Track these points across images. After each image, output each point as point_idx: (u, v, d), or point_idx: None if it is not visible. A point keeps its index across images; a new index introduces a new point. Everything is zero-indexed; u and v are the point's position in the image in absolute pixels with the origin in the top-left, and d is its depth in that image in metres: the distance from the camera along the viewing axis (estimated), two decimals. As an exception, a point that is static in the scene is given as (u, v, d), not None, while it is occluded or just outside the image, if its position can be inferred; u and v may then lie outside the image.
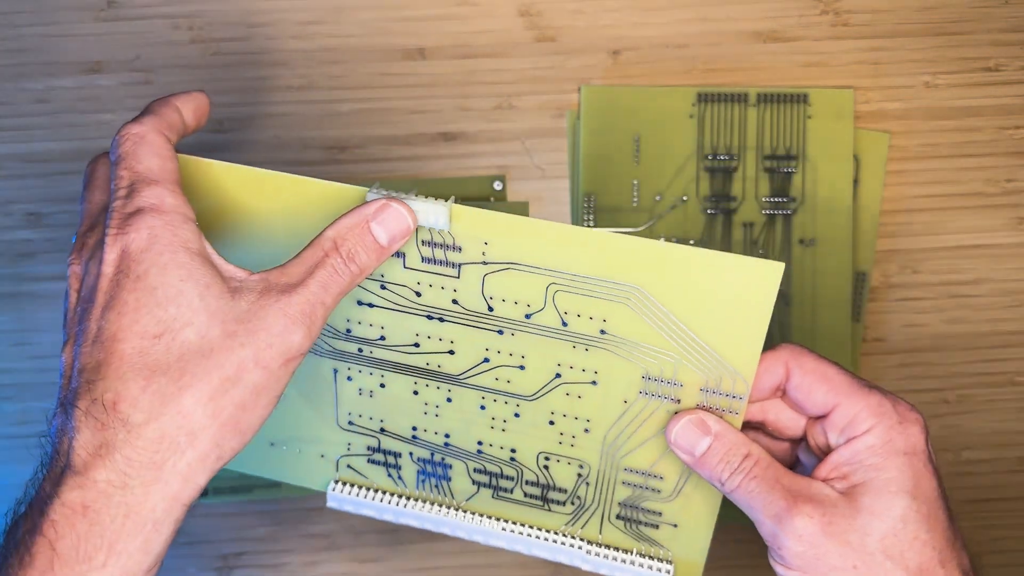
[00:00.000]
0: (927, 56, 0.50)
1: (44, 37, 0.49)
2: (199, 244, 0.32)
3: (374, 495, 0.41)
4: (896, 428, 0.33)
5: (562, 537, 0.40)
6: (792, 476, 0.34)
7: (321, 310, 0.32)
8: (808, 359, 0.35)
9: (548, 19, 0.50)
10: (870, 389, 0.34)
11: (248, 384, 0.31)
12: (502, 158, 0.50)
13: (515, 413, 0.38)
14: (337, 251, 0.33)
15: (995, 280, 0.51)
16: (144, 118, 0.35)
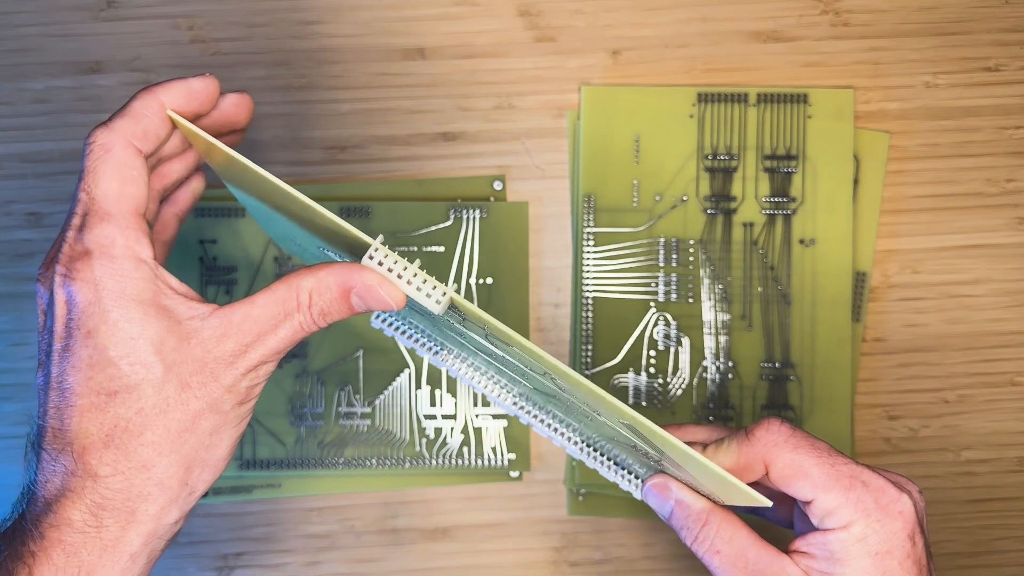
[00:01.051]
0: (927, 56, 0.50)
1: (44, 37, 0.49)
2: (151, 291, 0.31)
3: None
4: (874, 526, 0.32)
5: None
6: (760, 549, 0.34)
7: (275, 360, 0.32)
8: (784, 453, 0.33)
9: (548, 19, 0.50)
10: (852, 481, 0.32)
11: (207, 428, 0.31)
12: (502, 158, 0.50)
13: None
14: (309, 308, 0.32)
15: (995, 280, 0.51)
16: (116, 121, 0.32)
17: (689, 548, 0.35)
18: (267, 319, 0.31)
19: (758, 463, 0.34)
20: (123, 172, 0.31)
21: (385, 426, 0.49)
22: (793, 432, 0.34)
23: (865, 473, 0.33)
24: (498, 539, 0.50)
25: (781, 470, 0.33)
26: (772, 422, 0.34)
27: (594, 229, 0.49)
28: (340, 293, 0.31)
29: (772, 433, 0.34)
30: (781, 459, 0.33)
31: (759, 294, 0.49)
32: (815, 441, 0.34)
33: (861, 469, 0.33)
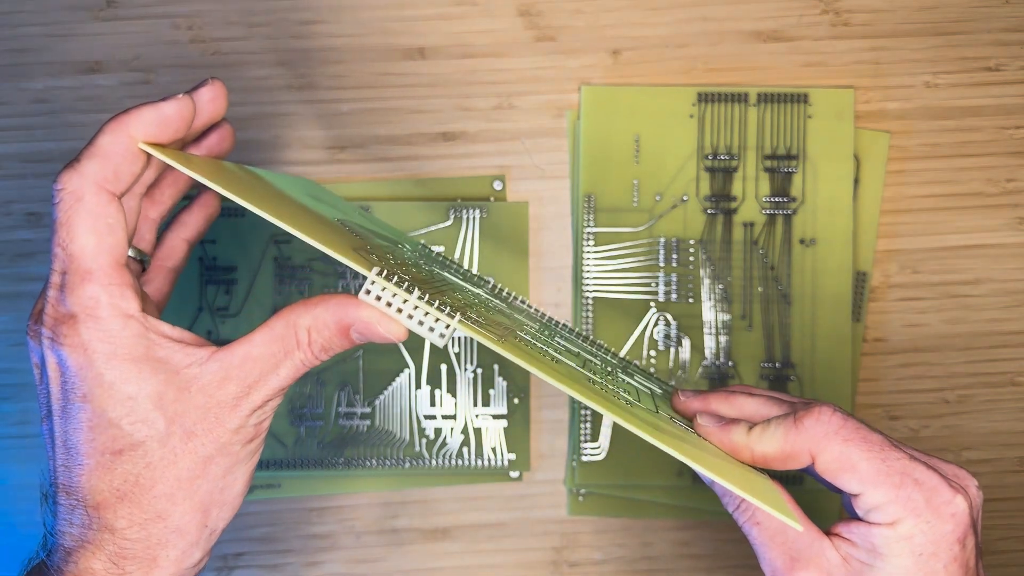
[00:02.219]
0: (927, 56, 0.50)
1: (43, 37, 0.49)
2: (144, 346, 0.30)
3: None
4: (922, 527, 0.30)
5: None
6: (806, 534, 0.33)
7: (280, 396, 0.32)
8: (833, 445, 0.31)
9: (548, 19, 0.50)
10: (903, 478, 0.31)
11: (219, 472, 0.31)
12: (502, 158, 0.50)
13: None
14: (309, 346, 0.31)
15: (995, 280, 0.51)
16: (84, 164, 0.30)
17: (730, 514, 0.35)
18: (267, 359, 0.31)
19: (804, 453, 0.32)
20: (98, 224, 0.30)
21: (385, 426, 0.49)
22: (845, 422, 0.32)
23: (919, 470, 0.31)
24: (498, 539, 0.50)
25: (828, 462, 0.32)
26: (824, 411, 0.32)
27: (594, 229, 0.49)
28: (339, 331, 0.31)
29: (822, 423, 0.32)
30: (829, 451, 0.31)
31: (759, 294, 0.49)
32: (868, 433, 0.32)
33: (915, 465, 0.31)
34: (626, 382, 0.38)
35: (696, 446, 0.32)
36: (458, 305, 0.32)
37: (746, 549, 0.49)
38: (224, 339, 0.49)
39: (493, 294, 0.41)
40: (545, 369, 0.30)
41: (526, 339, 0.34)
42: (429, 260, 0.40)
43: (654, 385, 0.41)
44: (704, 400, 0.36)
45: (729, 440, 0.34)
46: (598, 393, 0.31)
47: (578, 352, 0.38)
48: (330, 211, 0.38)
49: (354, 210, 0.43)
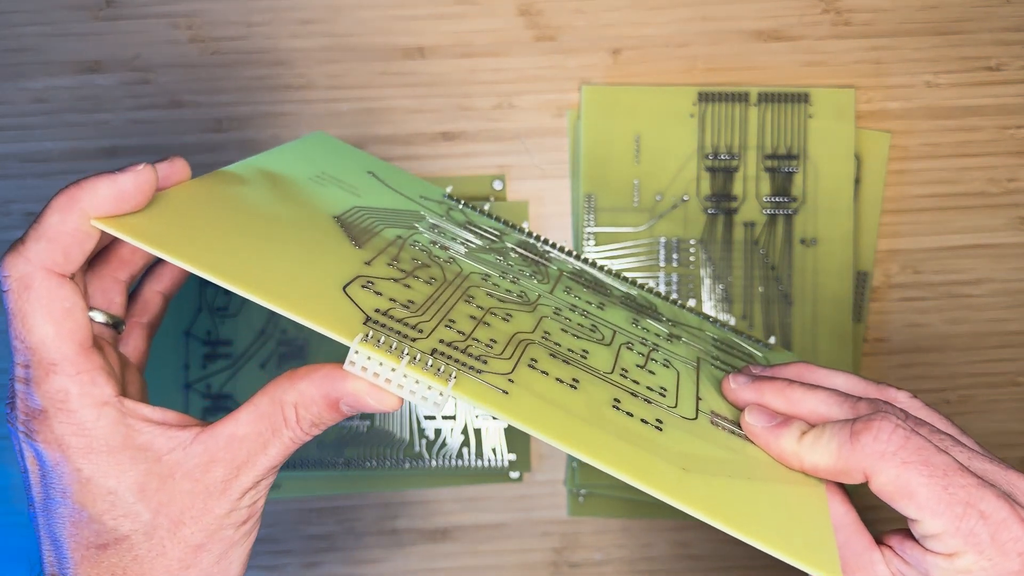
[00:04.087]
0: (928, 55, 0.50)
1: (43, 36, 0.49)
2: (121, 435, 0.28)
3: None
4: (984, 564, 0.27)
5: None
6: (853, 531, 0.30)
7: (271, 478, 0.30)
8: (890, 468, 0.28)
9: (548, 18, 0.50)
10: (967, 509, 0.27)
11: (212, 558, 0.29)
12: (502, 157, 0.50)
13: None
14: (298, 423, 0.29)
15: (996, 280, 0.50)
16: (30, 246, 0.27)
17: None
18: (254, 439, 0.29)
19: (857, 472, 0.29)
20: (53, 310, 0.27)
21: (385, 427, 0.49)
22: (907, 440, 0.28)
23: (987, 499, 0.27)
24: (498, 540, 0.50)
25: (884, 485, 0.28)
26: (884, 427, 0.28)
27: (594, 229, 0.49)
28: (328, 406, 0.28)
29: (880, 442, 0.28)
30: (885, 473, 0.28)
31: (760, 294, 0.49)
32: (932, 455, 0.28)
33: (984, 494, 0.27)
34: (668, 359, 0.35)
35: (720, 471, 0.29)
36: (475, 314, 0.31)
37: (746, 549, 0.49)
38: (223, 339, 0.49)
39: (525, 247, 0.40)
40: (554, 427, 0.27)
41: (555, 326, 0.32)
42: (445, 233, 0.38)
43: (714, 349, 0.38)
44: (758, 390, 0.32)
45: (778, 446, 0.30)
46: (616, 427, 0.28)
47: (614, 329, 0.35)
48: (340, 199, 0.36)
49: (368, 178, 0.40)
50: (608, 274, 0.41)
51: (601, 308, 0.37)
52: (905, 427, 0.28)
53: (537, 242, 0.41)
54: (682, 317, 0.41)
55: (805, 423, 0.31)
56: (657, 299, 0.41)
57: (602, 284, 0.40)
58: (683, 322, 0.40)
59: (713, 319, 0.42)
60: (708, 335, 0.40)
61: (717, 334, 0.41)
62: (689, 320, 0.41)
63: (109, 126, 0.49)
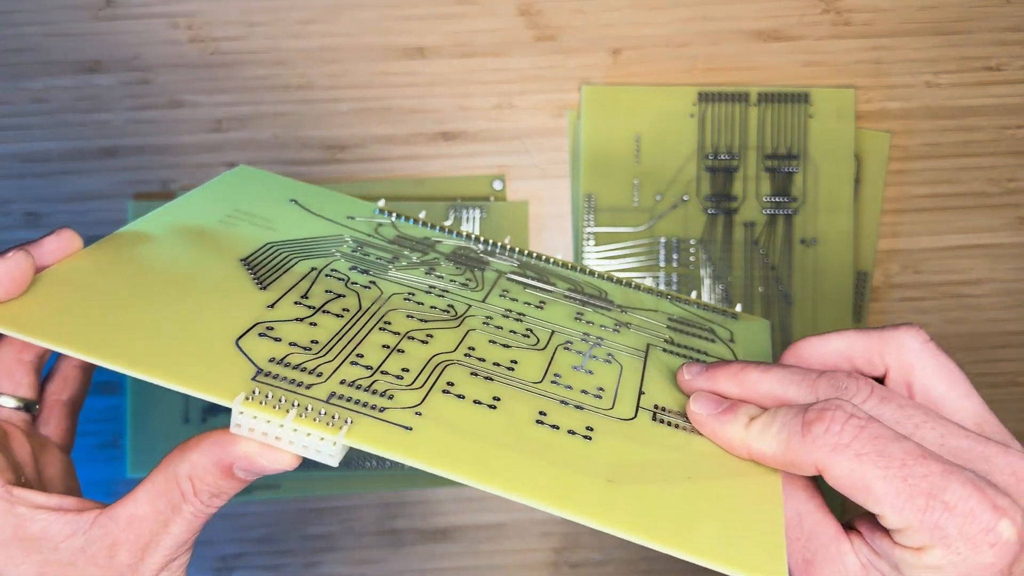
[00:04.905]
0: (928, 55, 0.50)
1: (43, 36, 0.49)
2: (11, 526, 0.27)
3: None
4: (953, 558, 0.25)
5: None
6: (820, 518, 0.28)
7: (186, 555, 0.28)
8: (842, 461, 0.25)
9: (548, 18, 0.50)
10: (930, 500, 0.24)
11: None
12: (502, 157, 0.50)
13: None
14: (196, 496, 0.27)
15: (997, 280, 0.50)
16: None
17: None
18: (154, 518, 0.27)
19: (808, 465, 0.26)
20: None
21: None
22: (860, 430, 0.25)
23: (952, 488, 0.24)
24: (498, 540, 0.50)
25: (837, 479, 0.26)
26: (837, 416, 0.26)
27: (594, 229, 0.49)
28: (222, 473, 0.27)
29: (831, 434, 0.25)
30: (838, 467, 0.25)
31: (760, 294, 0.49)
32: (888, 444, 0.25)
33: (949, 482, 0.24)
34: (611, 354, 0.33)
35: (653, 476, 0.27)
36: (389, 342, 0.30)
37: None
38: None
39: (459, 253, 0.38)
40: (461, 461, 0.25)
41: (482, 339, 0.31)
42: (369, 254, 0.36)
43: (668, 332, 0.36)
44: (711, 377, 0.30)
45: (724, 434, 0.28)
46: (537, 445, 0.27)
47: (552, 330, 0.34)
48: (250, 237, 0.35)
49: (289, 208, 0.39)
50: (554, 265, 0.39)
51: (540, 308, 0.35)
52: (860, 415, 0.26)
53: (476, 244, 0.39)
54: (636, 300, 0.38)
55: (755, 408, 0.28)
56: (608, 284, 0.39)
57: (546, 280, 0.38)
58: (637, 306, 0.38)
59: (672, 296, 0.40)
60: (664, 316, 0.37)
61: (676, 312, 0.38)
62: (644, 302, 0.38)
63: (109, 126, 0.49)
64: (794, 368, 0.29)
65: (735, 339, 0.37)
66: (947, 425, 0.27)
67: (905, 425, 0.27)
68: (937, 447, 0.26)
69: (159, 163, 0.49)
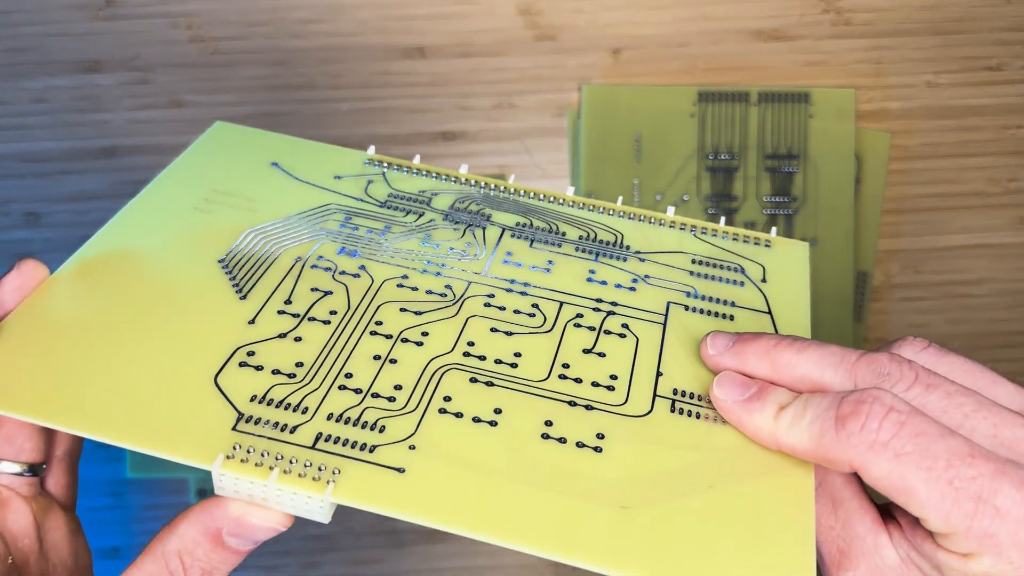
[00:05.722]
0: (929, 55, 0.50)
1: (42, 36, 0.49)
2: None
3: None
4: (1004, 567, 0.23)
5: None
6: (858, 505, 0.26)
7: None
8: (881, 461, 0.23)
9: (548, 18, 0.49)
10: (978, 505, 0.22)
11: None
12: (502, 157, 0.50)
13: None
14: (186, 574, 0.25)
15: (997, 280, 0.50)
16: None
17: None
18: None
19: (843, 463, 0.24)
20: None
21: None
22: (901, 427, 0.23)
23: (1004, 492, 0.22)
24: (498, 540, 0.50)
25: (876, 480, 0.23)
26: (875, 411, 0.23)
27: (595, 229, 0.49)
28: (211, 542, 0.25)
29: (868, 432, 0.23)
30: (876, 467, 0.23)
31: (760, 294, 0.49)
32: (933, 441, 0.23)
33: (1000, 484, 0.22)
34: (626, 324, 0.30)
35: (671, 491, 0.25)
36: (381, 351, 0.28)
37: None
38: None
39: (458, 211, 0.35)
40: (461, 508, 0.24)
41: (483, 327, 0.29)
42: (359, 228, 0.33)
43: (692, 279, 0.33)
44: (739, 353, 0.27)
45: (752, 424, 0.26)
46: (542, 470, 0.25)
47: (560, 302, 0.31)
48: (229, 226, 0.32)
49: (271, 174, 0.35)
50: (563, 205, 0.36)
51: (548, 271, 0.32)
52: (901, 409, 0.23)
53: (477, 190, 0.36)
54: (656, 241, 0.34)
55: (786, 393, 0.26)
56: (624, 222, 0.35)
57: (555, 230, 0.34)
58: (656, 249, 0.34)
59: (696, 227, 0.35)
60: (687, 257, 0.33)
61: (700, 250, 0.34)
62: (664, 242, 0.34)
63: (109, 126, 0.49)
64: (832, 348, 0.26)
65: (767, 277, 0.33)
66: (1001, 413, 0.24)
67: (953, 415, 0.24)
68: (989, 439, 0.24)
69: (159, 163, 0.49)
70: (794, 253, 0.34)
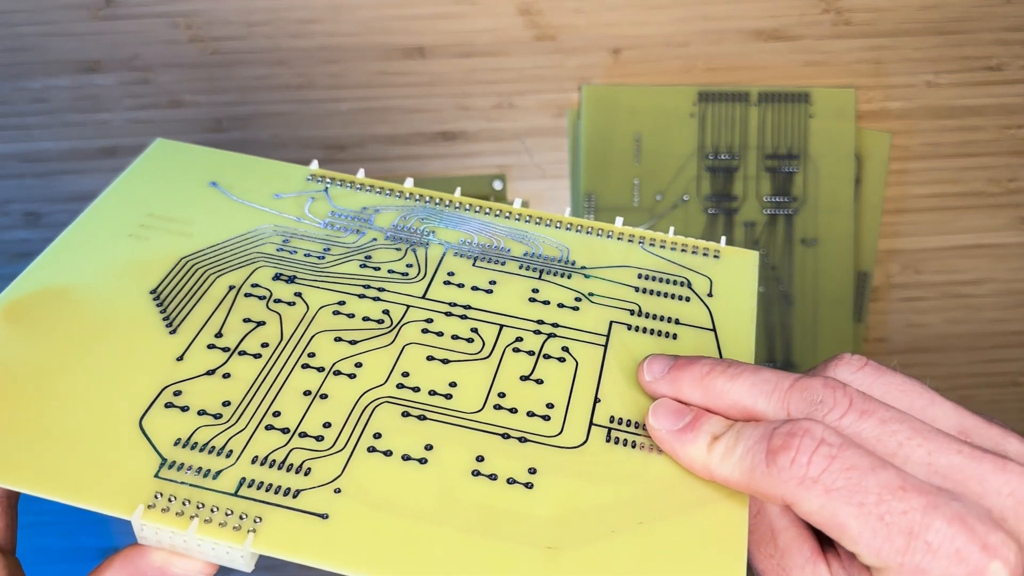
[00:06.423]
0: (929, 55, 0.50)
1: (42, 36, 0.49)
2: None
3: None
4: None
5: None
6: (795, 535, 0.26)
7: None
8: (812, 497, 0.23)
9: (548, 17, 0.49)
10: (910, 540, 0.22)
11: None
12: (502, 157, 0.50)
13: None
14: None
15: (997, 280, 0.50)
16: None
17: None
18: None
19: (774, 497, 0.23)
20: None
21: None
22: (831, 460, 0.23)
23: (935, 528, 0.22)
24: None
25: (808, 515, 0.23)
26: (803, 448, 0.23)
27: (595, 229, 0.49)
28: None
29: (798, 466, 0.23)
30: (807, 502, 0.23)
31: (760, 294, 0.49)
32: (864, 476, 0.22)
33: (931, 520, 0.22)
34: (567, 346, 0.30)
35: (601, 527, 0.24)
36: (312, 386, 0.27)
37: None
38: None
39: (399, 229, 0.34)
40: (382, 556, 0.23)
41: (420, 355, 0.29)
42: (297, 252, 0.32)
43: (637, 295, 0.32)
44: (674, 380, 0.27)
45: (684, 455, 0.25)
46: (470, 510, 0.24)
47: (500, 324, 0.30)
48: (164, 253, 0.31)
49: (209, 194, 0.34)
50: (509, 219, 0.35)
51: (490, 292, 0.31)
52: (832, 441, 0.23)
53: (421, 204, 0.35)
54: (602, 255, 0.33)
55: (720, 422, 0.25)
56: (570, 235, 0.34)
57: (499, 246, 0.34)
58: (603, 264, 0.33)
59: (644, 239, 0.34)
60: (633, 272, 0.33)
61: (647, 264, 0.33)
62: (611, 256, 0.33)
63: (109, 126, 0.49)
64: (765, 374, 0.26)
65: (714, 291, 0.33)
66: (936, 439, 0.23)
67: (887, 444, 0.23)
68: (924, 467, 0.23)
69: (159, 163, 0.49)
70: (743, 263, 0.34)
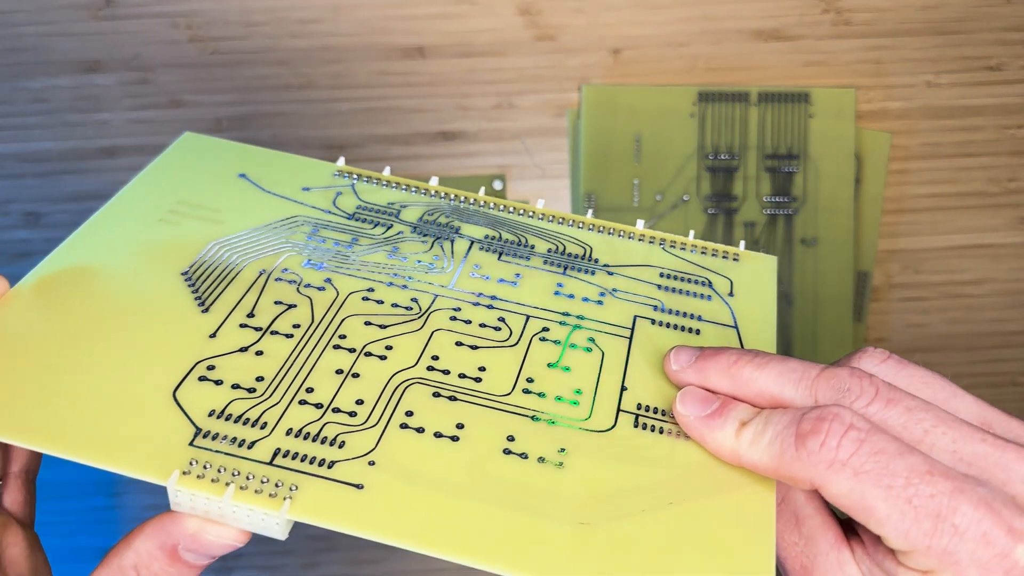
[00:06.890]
0: (929, 55, 0.50)
1: (42, 36, 0.49)
2: None
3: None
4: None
5: None
6: (820, 521, 0.26)
7: None
8: (841, 480, 0.23)
9: (548, 17, 0.49)
10: (938, 523, 0.22)
11: None
12: (502, 157, 0.50)
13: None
14: None
15: (997, 280, 0.50)
16: None
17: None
18: None
19: (803, 481, 0.24)
20: None
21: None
22: (860, 444, 0.23)
23: (963, 509, 0.22)
24: (498, 540, 0.50)
25: (836, 498, 0.23)
26: (834, 429, 0.23)
27: (594, 229, 0.49)
28: (167, 557, 0.25)
29: (827, 449, 0.23)
30: (836, 485, 0.23)
31: (760, 294, 0.49)
32: (892, 459, 0.23)
33: (958, 503, 0.22)
34: (592, 337, 0.30)
35: (632, 506, 0.24)
36: (344, 365, 0.28)
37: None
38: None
39: (426, 223, 0.34)
40: (417, 527, 0.24)
41: (448, 340, 0.29)
42: (326, 241, 0.33)
43: (659, 293, 0.33)
44: (701, 369, 0.27)
45: (713, 441, 0.26)
46: (502, 486, 0.25)
47: (526, 315, 0.31)
48: (194, 238, 0.32)
49: (239, 186, 0.35)
50: (533, 218, 0.35)
51: (515, 284, 0.32)
52: (861, 426, 0.23)
53: (446, 202, 0.36)
54: (624, 254, 0.34)
55: (748, 409, 0.26)
56: (594, 236, 0.35)
57: (524, 242, 0.34)
58: (625, 262, 0.34)
59: (665, 241, 0.35)
60: (655, 271, 0.34)
61: (668, 264, 0.34)
62: (633, 255, 0.34)
63: (108, 126, 0.49)
64: (793, 363, 0.26)
65: (734, 291, 0.33)
66: (961, 428, 0.24)
67: (913, 431, 0.24)
68: (949, 455, 0.24)
69: (159, 163, 0.49)
70: (762, 267, 0.35)
